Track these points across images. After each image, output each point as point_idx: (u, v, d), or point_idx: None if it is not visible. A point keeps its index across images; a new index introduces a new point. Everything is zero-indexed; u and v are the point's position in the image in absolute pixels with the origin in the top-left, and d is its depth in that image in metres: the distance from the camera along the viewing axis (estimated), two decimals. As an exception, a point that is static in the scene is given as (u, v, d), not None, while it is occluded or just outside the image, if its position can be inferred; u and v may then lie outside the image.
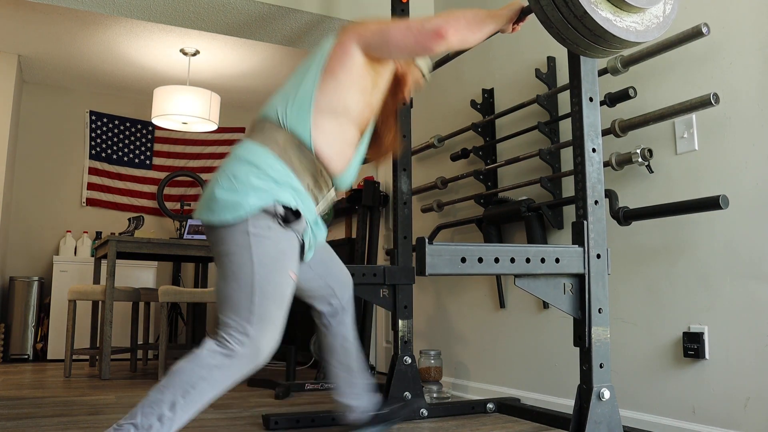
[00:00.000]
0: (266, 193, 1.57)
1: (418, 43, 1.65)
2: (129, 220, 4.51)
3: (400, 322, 2.55)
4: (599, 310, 1.65)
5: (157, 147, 6.00)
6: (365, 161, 1.93)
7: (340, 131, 1.69)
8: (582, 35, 1.49)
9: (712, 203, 1.93)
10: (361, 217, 4.19)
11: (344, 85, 1.68)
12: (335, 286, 2.00)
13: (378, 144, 1.93)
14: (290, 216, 1.59)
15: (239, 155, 1.63)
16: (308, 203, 1.68)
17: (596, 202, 1.69)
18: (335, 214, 4.89)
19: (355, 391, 2.02)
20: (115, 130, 5.84)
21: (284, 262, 1.59)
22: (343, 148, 1.71)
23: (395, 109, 1.92)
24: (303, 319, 5.06)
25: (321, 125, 1.66)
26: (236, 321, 1.53)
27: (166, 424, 1.44)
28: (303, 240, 1.69)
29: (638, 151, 2.24)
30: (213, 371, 1.48)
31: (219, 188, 1.58)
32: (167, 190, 5.93)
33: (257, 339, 1.52)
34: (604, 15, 1.46)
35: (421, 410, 2.51)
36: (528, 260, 1.58)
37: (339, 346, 2.01)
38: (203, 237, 4.26)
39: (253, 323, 1.52)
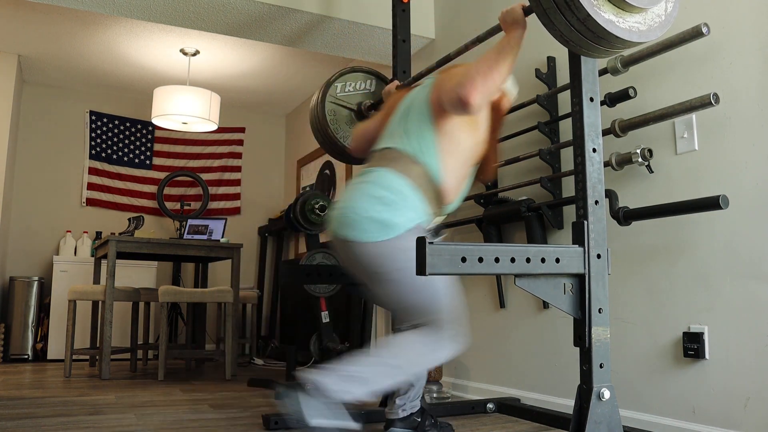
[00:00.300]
0: (416, 216, 1.84)
1: (460, 113, 1.83)
2: (129, 220, 4.51)
3: (400, 322, 2.54)
4: (599, 310, 1.65)
5: (157, 147, 6.00)
6: (475, 180, 2.19)
7: (460, 168, 1.94)
8: (585, 37, 1.49)
9: (712, 203, 1.93)
10: (361, 217, 4.18)
11: (455, 132, 1.92)
12: None
13: (484, 165, 2.14)
14: (433, 234, 1.92)
15: (383, 183, 1.86)
16: (430, 224, 1.96)
17: (596, 202, 1.69)
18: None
19: (412, 393, 2.13)
20: (115, 130, 5.84)
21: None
22: (460, 182, 1.97)
23: (495, 132, 2.09)
24: (303, 319, 5.06)
25: (446, 163, 1.90)
26: (430, 319, 1.81)
27: (393, 372, 1.80)
28: None
29: (638, 151, 2.24)
30: (433, 338, 1.81)
31: (373, 210, 1.81)
32: (167, 190, 5.93)
33: (452, 326, 1.83)
34: (607, 17, 1.45)
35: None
36: (528, 260, 1.58)
37: None
38: (203, 237, 4.26)
39: (444, 316, 1.82)
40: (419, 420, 2.12)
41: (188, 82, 5.17)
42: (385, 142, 2.00)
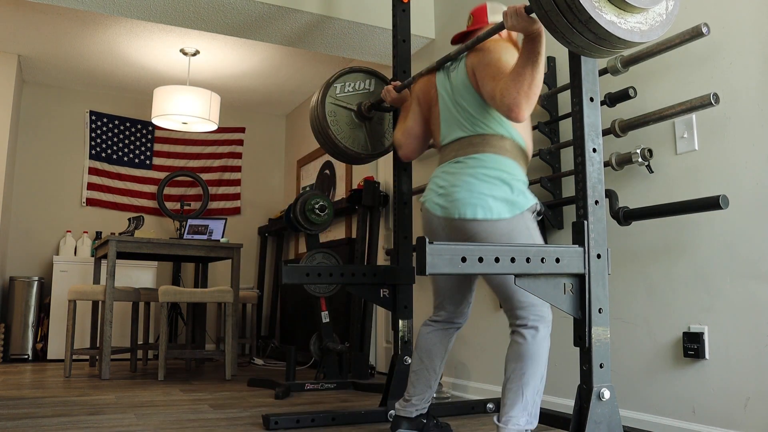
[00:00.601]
0: (529, 194, 1.93)
1: (515, 120, 1.89)
2: (129, 220, 4.51)
3: (400, 322, 2.55)
4: (599, 310, 1.65)
5: (157, 147, 6.00)
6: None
7: (528, 130, 2.05)
8: (588, 39, 1.49)
9: (712, 203, 1.93)
10: (361, 217, 4.19)
11: None
12: (474, 289, 2.19)
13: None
14: (541, 211, 1.97)
15: (488, 165, 1.93)
16: None
17: (596, 202, 1.69)
18: (335, 214, 4.89)
19: (429, 393, 2.15)
20: (115, 130, 5.84)
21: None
22: (530, 134, 2.07)
23: None
24: (303, 319, 5.06)
25: (519, 129, 2.00)
26: (534, 306, 1.87)
27: (540, 392, 1.86)
28: None
29: (638, 151, 2.24)
30: (548, 337, 1.89)
31: (490, 189, 1.89)
32: (167, 190, 5.93)
33: (548, 315, 1.90)
34: (609, 18, 1.45)
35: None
36: (528, 260, 1.58)
37: (444, 350, 2.16)
38: (203, 237, 4.26)
39: (544, 305, 1.88)
40: (425, 422, 2.13)
41: (188, 82, 5.17)
42: (454, 132, 2.04)
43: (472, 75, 1.99)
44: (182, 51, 4.84)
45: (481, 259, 1.53)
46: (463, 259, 1.50)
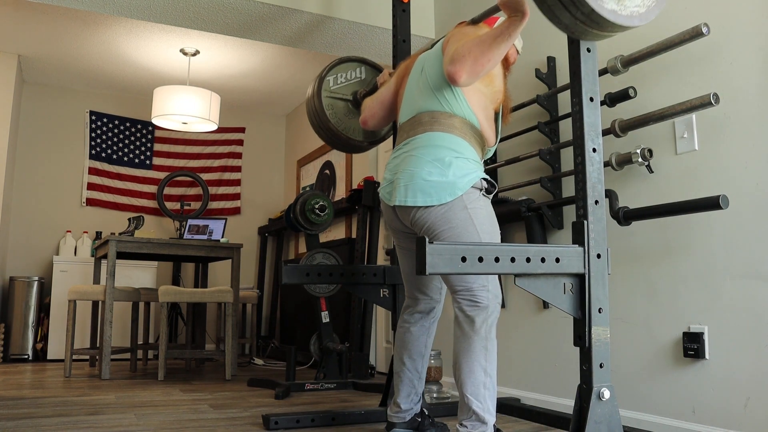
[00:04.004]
0: (472, 172, 1.88)
1: (451, 81, 1.86)
2: (129, 220, 4.51)
3: (400, 322, 2.54)
4: (599, 310, 1.65)
5: (157, 147, 5.99)
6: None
7: (487, 112, 2.00)
8: (590, 28, 1.52)
9: (712, 203, 1.93)
10: (361, 217, 4.19)
11: (475, 84, 1.98)
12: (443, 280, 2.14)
13: (503, 111, 2.16)
14: (490, 187, 1.93)
15: (433, 143, 1.91)
16: None
17: (596, 202, 1.69)
18: (335, 214, 4.89)
19: (414, 394, 2.13)
20: (115, 130, 5.84)
21: (495, 222, 1.93)
22: (492, 126, 2.02)
23: (504, 79, 2.12)
24: (303, 319, 5.06)
25: (477, 110, 1.96)
26: (478, 282, 1.84)
27: (489, 387, 1.82)
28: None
29: (638, 151, 2.24)
30: (484, 326, 1.83)
31: (429, 174, 1.87)
32: (167, 190, 5.93)
33: (497, 289, 1.87)
34: (609, 8, 1.47)
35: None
36: (528, 260, 1.58)
37: (423, 346, 2.13)
38: (203, 237, 4.26)
39: (491, 279, 1.86)
40: (419, 420, 2.13)
41: (188, 82, 5.17)
42: (412, 109, 2.03)
43: (446, 44, 1.98)
44: (182, 51, 4.84)
45: (481, 259, 1.53)
46: (463, 259, 1.50)
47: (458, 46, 1.84)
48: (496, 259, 1.54)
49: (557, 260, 1.61)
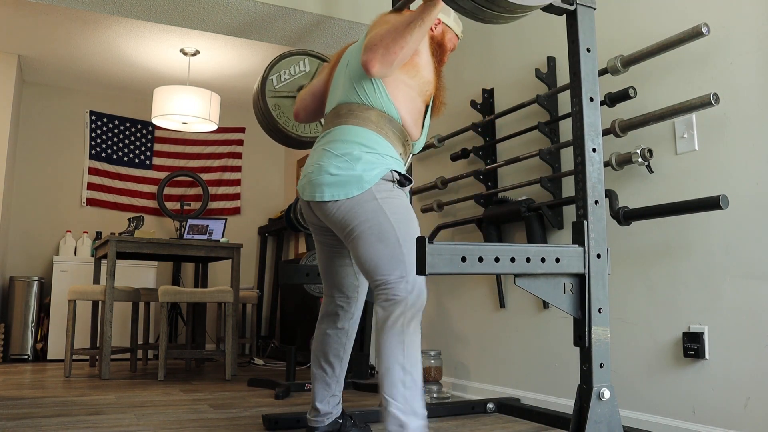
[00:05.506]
0: (382, 165, 1.82)
1: (365, 71, 1.83)
2: (129, 220, 4.51)
3: (400, 322, 2.54)
4: (599, 310, 1.65)
5: (157, 147, 6.00)
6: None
7: (411, 104, 1.94)
8: (497, 12, 1.50)
9: (712, 203, 1.93)
10: (361, 217, 4.18)
11: (396, 74, 1.91)
12: (355, 272, 2.09)
13: (434, 101, 2.09)
14: (403, 180, 1.87)
15: (344, 138, 1.86)
16: (402, 167, 1.93)
17: (596, 202, 1.69)
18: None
19: (331, 396, 2.08)
20: (115, 130, 5.84)
21: (411, 212, 1.87)
22: (417, 119, 1.96)
23: (439, 69, 2.06)
24: (303, 319, 5.06)
25: (398, 101, 1.90)
26: (395, 274, 1.76)
27: (409, 385, 1.72)
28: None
29: (638, 151, 2.23)
30: (401, 320, 1.74)
31: (336, 168, 1.81)
32: (167, 190, 5.93)
33: (417, 280, 1.78)
34: None
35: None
36: (528, 260, 1.58)
37: (340, 348, 2.08)
38: (203, 237, 4.26)
39: (409, 270, 1.77)
40: (341, 422, 2.10)
41: (188, 82, 5.17)
42: (334, 99, 1.98)
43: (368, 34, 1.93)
44: (182, 51, 4.84)
45: (481, 259, 1.52)
46: (463, 259, 1.50)
47: (372, 35, 1.81)
48: (496, 259, 1.54)
49: (557, 260, 1.61)
